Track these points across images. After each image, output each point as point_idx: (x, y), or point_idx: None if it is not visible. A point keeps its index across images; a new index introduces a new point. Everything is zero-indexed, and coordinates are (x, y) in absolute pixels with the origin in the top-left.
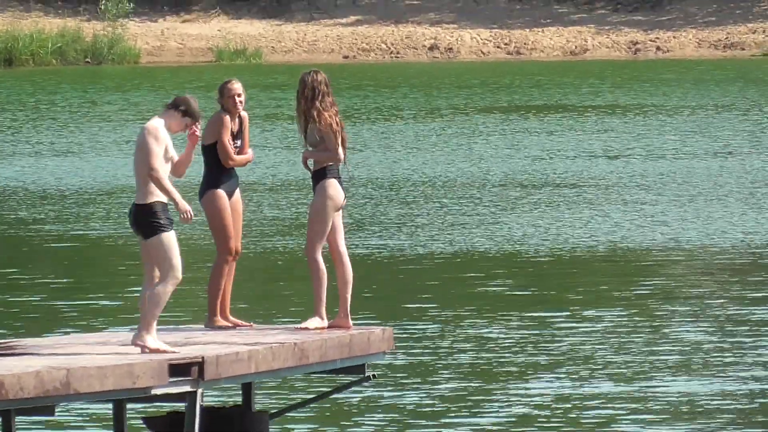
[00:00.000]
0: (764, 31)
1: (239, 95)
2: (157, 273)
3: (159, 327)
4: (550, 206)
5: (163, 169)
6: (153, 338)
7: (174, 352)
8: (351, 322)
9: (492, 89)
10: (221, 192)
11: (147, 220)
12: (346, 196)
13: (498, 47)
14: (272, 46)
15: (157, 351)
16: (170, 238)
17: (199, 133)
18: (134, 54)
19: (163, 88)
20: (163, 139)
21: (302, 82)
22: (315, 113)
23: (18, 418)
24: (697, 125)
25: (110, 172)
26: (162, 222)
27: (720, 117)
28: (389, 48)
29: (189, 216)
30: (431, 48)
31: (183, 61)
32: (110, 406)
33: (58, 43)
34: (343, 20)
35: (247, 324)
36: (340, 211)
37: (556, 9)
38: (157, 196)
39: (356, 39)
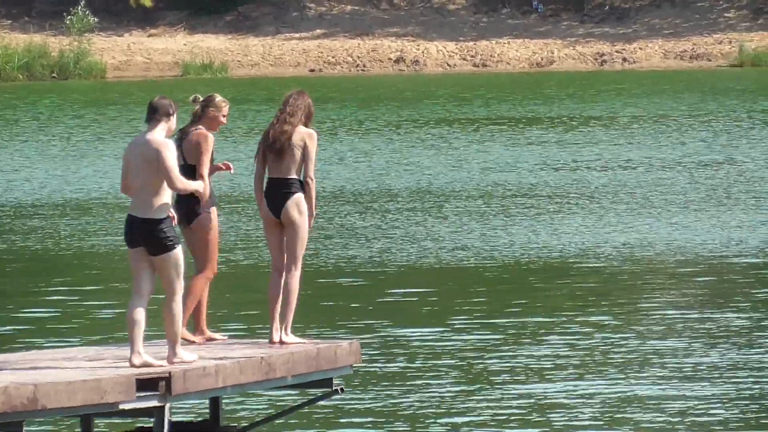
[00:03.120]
0: (730, 42)
1: (225, 116)
2: (148, 287)
3: (125, 343)
4: (515, 216)
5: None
6: (185, 351)
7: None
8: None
9: (458, 101)
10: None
11: (160, 235)
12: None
13: (464, 59)
14: (238, 60)
15: (191, 362)
16: (180, 253)
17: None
18: (101, 68)
19: (131, 102)
20: (174, 153)
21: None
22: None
23: None
24: (661, 135)
25: (81, 185)
26: (174, 237)
27: (685, 126)
28: (355, 61)
29: (205, 198)
30: (397, 61)
31: (149, 76)
32: (79, 421)
33: (24, 59)
34: (309, 34)
35: (223, 337)
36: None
37: (522, 21)
38: (167, 212)
39: (322, 52)
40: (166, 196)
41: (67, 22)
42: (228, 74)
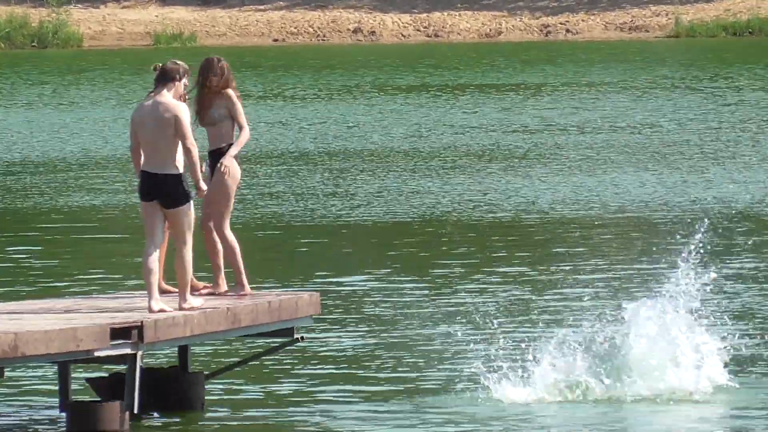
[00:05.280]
0: (666, 15)
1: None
2: (161, 239)
3: (101, 295)
4: (463, 175)
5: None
6: (193, 297)
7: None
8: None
9: (410, 69)
10: None
11: (179, 188)
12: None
13: (418, 30)
14: (206, 30)
15: (201, 308)
16: (192, 207)
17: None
18: (77, 38)
19: (106, 70)
20: (188, 114)
21: (214, 65)
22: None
23: None
24: (596, 100)
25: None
26: (188, 192)
27: (619, 92)
28: (316, 32)
29: (202, 195)
30: (355, 31)
31: (123, 45)
32: (56, 367)
33: (6, 29)
34: (273, 5)
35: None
36: None
37: None
38: (182, 168)
39: (285, 23)
40: (180, 153)
41: None
42: (197, 43)
